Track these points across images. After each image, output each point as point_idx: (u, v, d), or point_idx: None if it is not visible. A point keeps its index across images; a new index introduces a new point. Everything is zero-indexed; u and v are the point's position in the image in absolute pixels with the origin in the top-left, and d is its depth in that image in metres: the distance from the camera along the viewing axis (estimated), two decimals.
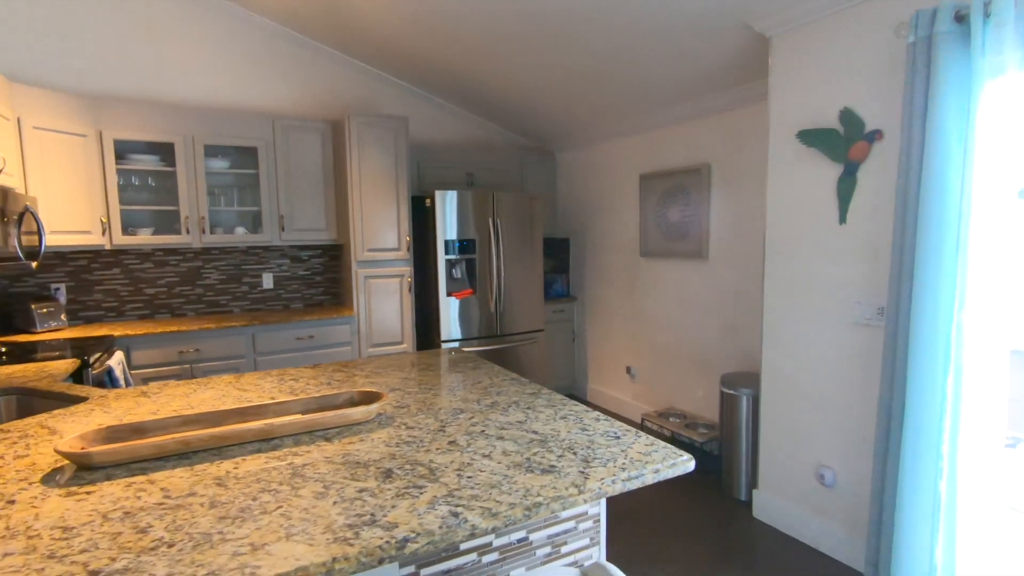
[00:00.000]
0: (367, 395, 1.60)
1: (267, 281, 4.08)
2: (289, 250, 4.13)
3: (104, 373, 2.64)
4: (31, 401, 1.95)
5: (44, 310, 3.20)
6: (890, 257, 1.97)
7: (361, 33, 3.72)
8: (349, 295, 3.93)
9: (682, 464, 1.21)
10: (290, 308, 4.12)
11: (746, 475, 2.84)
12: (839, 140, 2.19)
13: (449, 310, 4.00)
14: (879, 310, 2.11)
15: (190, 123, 3.50)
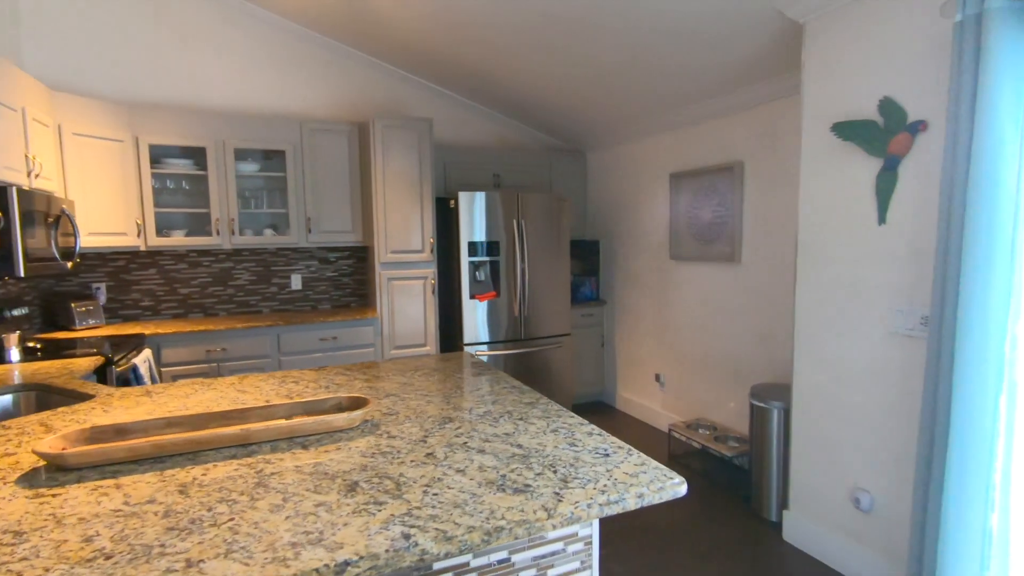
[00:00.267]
0: (355, 401, 1.55)
1: (295, 282, 4.14)
2: (317, 252, 4.19)
3: (129, 370, 2.71)
4: (48, 397, 2.01)
5: (83, 308, 3.34)
6: (934, 261, 1.77)
7: (386, 35, 3.72)
8: (374, 297, 3.93)
9: (671, 488, 1.09)
10: (318, 309, 4.17)
11: (777, 494, 2.65)
12: (878, 132, 2.00)
13: (472, 313, 3.95)
14: (922, 319, 1.91)
15: (221, 127, 3.59)
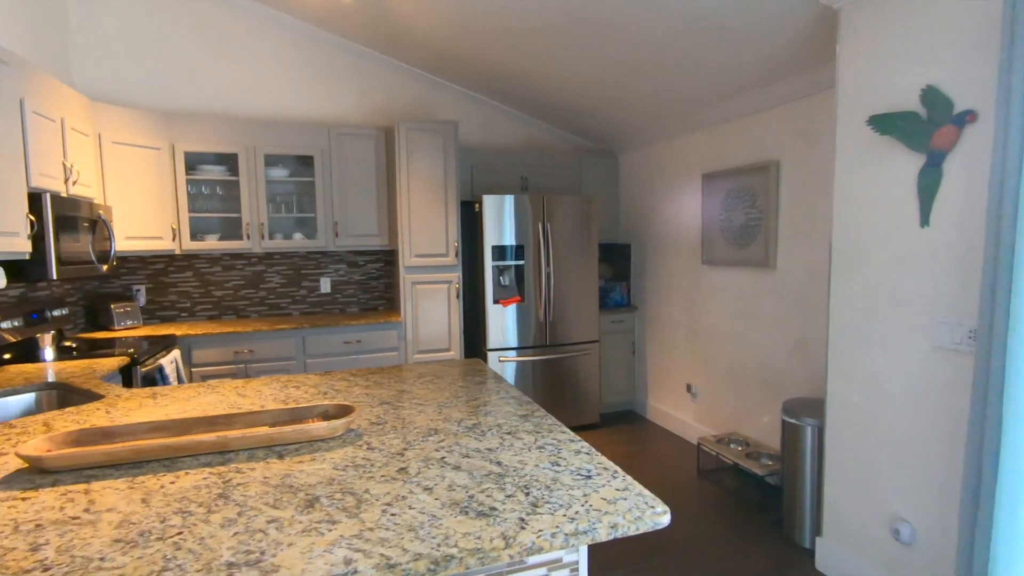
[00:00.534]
0: (341, 409, 1.52)
1: (325, 285, 4.20)
2: (346, 255, 4.23)
3: (155, 370, 2.80)
4: (68, 396, 2.08)
5: (122, 309, 3.48)
6: (983, 267, 1.58)
7: (412, 39, 3.73)
8: (400, 301, 3.94)
9: (650, 518, 0.99)
10: (346, 312, 4.21)
11: (810, 519, 2.45)
12: (920, 125, 1.81)
13: (497, 318, 3.89)
14: (970, 333, 1.71)
15: (252, 134, 3.68)
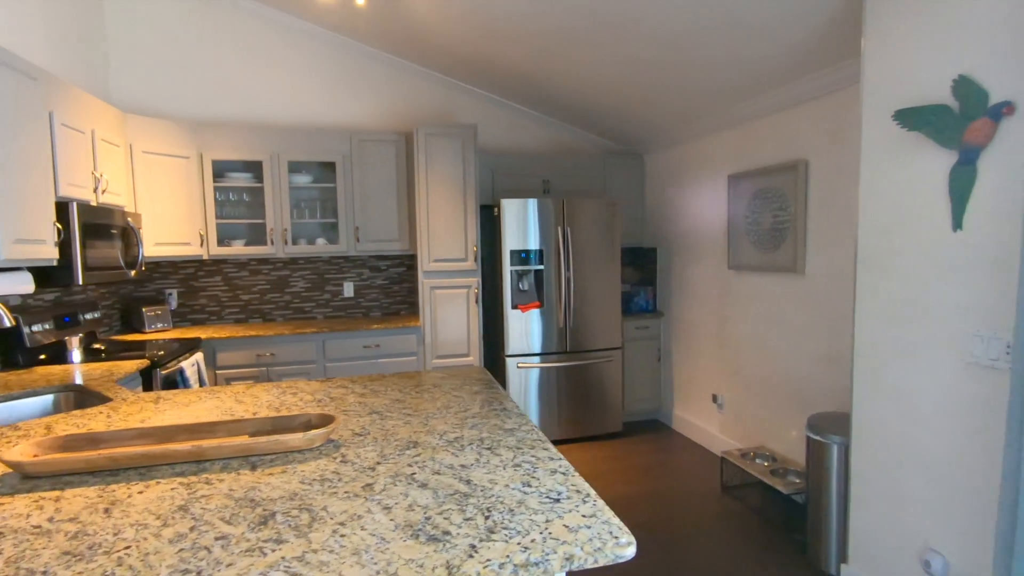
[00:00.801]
0: (324, 419, 1.50)
1: (348, 290, 4.25)
2: (369, 260, 4.27)
3: (176, 373, 2.88)
4: (84, 398, 2.15)
5: (152, 313, 3.61)
6: (1020, 275, 1.42)
7: (432, 44, 3.73)
8: (419, 305, 3.94)
9: (612, 550, 0.91)
10: (369, 316, 4.24)
11: (836, 543, 2.28)
12: (952, 119, 1.66)
13: (516, 323, 3.83)
14: (1007, 347, 1.54)
15: (276, 142, 3.76)
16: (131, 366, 2.52)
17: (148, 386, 2.66)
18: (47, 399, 2.15)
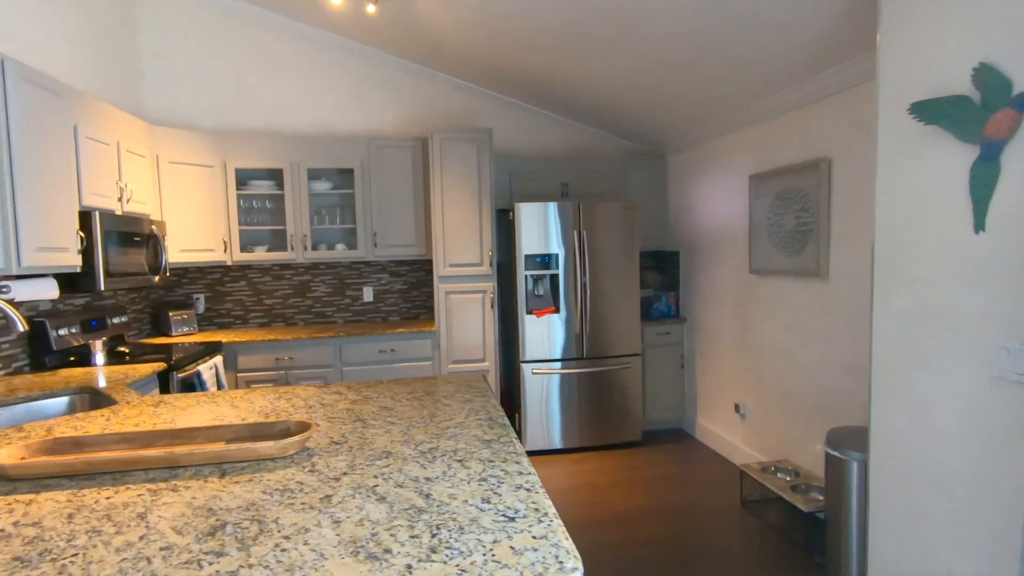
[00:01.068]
0: (302, 426, 1.49)
1: (367, 294, 4.29)
2: (388, 265, 4.30)
3: (193, 376, 2.96)
4: (97, 399, 2.23)
5: (178, 317, 3.74)
6: None
7: (446, 49, 3.73)
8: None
9: (554, 575, 0.86)
10: (388, 320, 4.28)
11: (857, 565, 2.14)
12: (972, 111, 1.52)
13: (531, 329, 3.78)
14: None
15: (297, 150, 3.84)
16: (147, 369, 2.60)
17: (165, 388, 2.74)
18: (63, 401, 2.24)
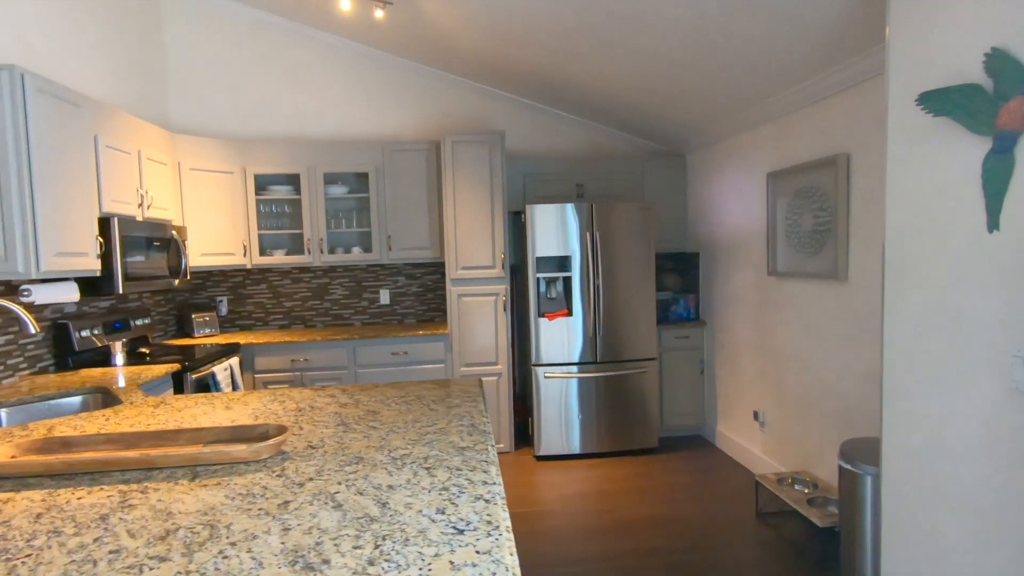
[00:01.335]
0: (280, 429, 1.50)
1: (384, 297, 4.33)
2: (404, 268, 4.33)
3: (208, 377, 3.04)
4: (107, 398, 2.31)
5: (201, 319, 3.86)
6: None
7: (456, 52, 3.73)
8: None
9: None
10: (404, 323, 4.30)
11: None
12: (984, 100, 1.41)
13: (543, 332, 3.74)
14: None
15: (313, 155, 3.91)
16: (161, 370, 2.68)
17: (180, 389, 2.82)
18: (77, 400, 2.33)
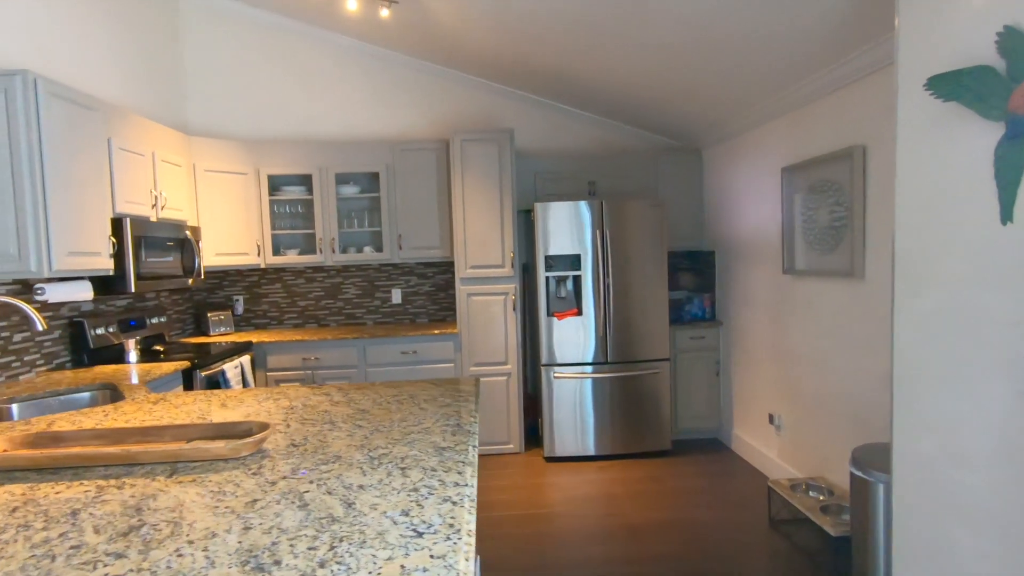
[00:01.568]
0: (262, 427, 1.49)
1: (396, 296, 4.34)
2: (416, 267, 4.34)
3: (218, 374, 3.08)
4: (115, 394, 2.36)
5: (216, 318, 3.93)
6: None
7: (464, 50, 3.72)
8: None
9: None
10: (416, 322, 4.31)
11: None
12: (996, 82, 1.31)
13: (552, 332, 3.69)
14: None
15: (325, 155, 3.94)
16: (170, 367, 2.73)
17: (188, 387, 2.87)
18: (86, 396, 2.38)
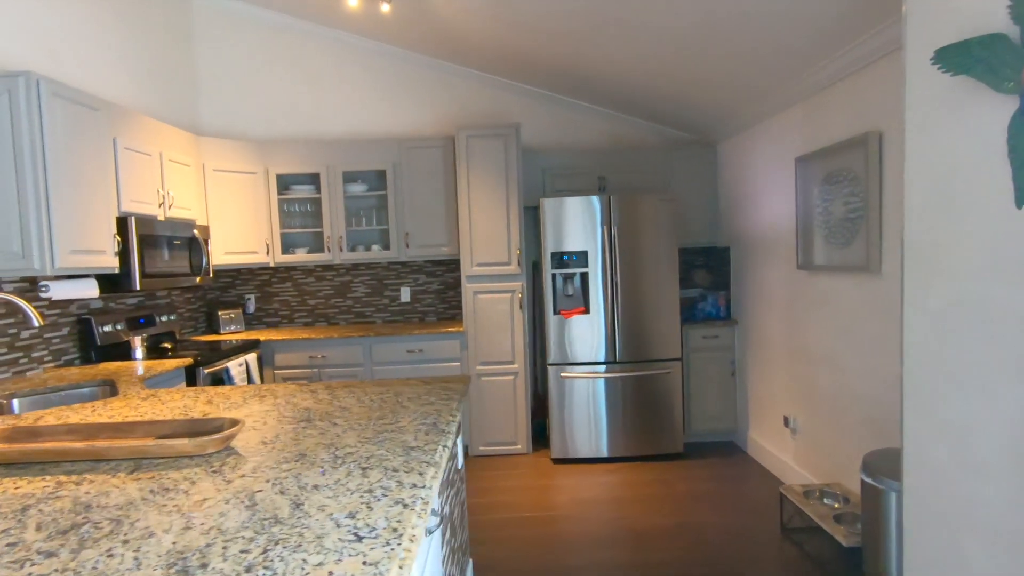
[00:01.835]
0: (233, 423, 1.46)
1: (405, 295, 4.32)
2: (425, 266, 4.31)
3: (222, 372, 3.10)
4: (114, 390, 2.38)
5: (227, 316, 3.97)
6: None
7: (470, 45, 3.67)
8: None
9: None
10: (424, 321, 4.28)
11: None
12: (1010, 52, 1.19)
13: (558, 330, 3.61)
14: None
15: (332, 154, 3.94)
16: (172, 365, 2.75)
17: (191, 383, 2.89)
18: (87, 391, 2.41)
